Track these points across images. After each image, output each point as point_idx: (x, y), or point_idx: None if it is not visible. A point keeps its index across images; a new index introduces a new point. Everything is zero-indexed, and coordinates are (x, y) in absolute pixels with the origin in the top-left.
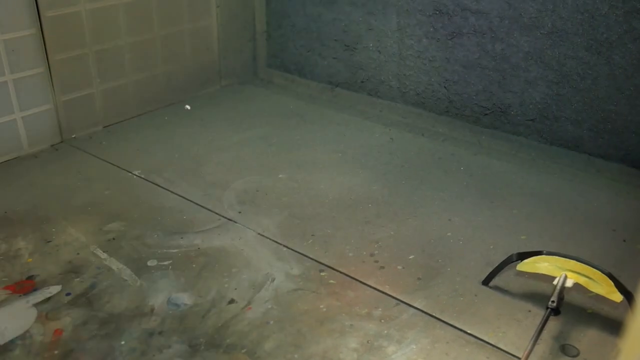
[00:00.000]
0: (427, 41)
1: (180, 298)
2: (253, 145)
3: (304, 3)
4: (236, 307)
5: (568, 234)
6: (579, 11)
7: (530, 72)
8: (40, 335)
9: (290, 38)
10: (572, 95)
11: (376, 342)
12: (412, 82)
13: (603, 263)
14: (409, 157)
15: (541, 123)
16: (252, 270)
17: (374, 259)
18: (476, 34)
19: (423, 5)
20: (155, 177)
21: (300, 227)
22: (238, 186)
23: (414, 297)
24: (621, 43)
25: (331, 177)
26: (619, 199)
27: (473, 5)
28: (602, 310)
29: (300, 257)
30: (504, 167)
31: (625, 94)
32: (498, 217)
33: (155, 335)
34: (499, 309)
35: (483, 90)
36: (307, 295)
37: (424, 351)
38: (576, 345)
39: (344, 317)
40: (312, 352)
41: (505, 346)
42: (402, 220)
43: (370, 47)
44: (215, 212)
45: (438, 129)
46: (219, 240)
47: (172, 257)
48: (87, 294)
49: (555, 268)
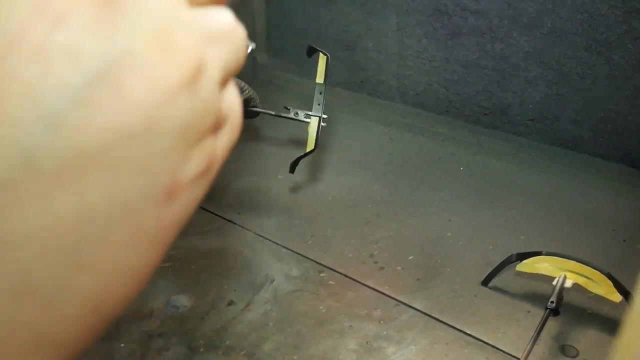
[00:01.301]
0: (426, 41)
1: (180, 300)
2: (252, 146)
3: (303, 3)
4: (235, 308)
5: (568, 234)
6: (579, 11)
7: (530, 72)
8: None
9: (290, 38)
10: (572, 95)
11: (375, 343)
12: (411, 82)
13: (603, 263)
14: (409, 157)
15: (541, 123)
16: (251, 271)
17: (374, 260)
18: (476, 34)
19: (423, 5)
20: None
21: (300, 228)
22: (237, 187)
23: (413, 298)
24: (621, 43)
25: (330, 177)
26: (619, 199)
27: (472, 5)
28: (602, 310)
29: (299, 258)
30: (504, 167)
31: (625, 94)
32: (498, 217)
33: (154, 337)
34: (499, 309)
35: (483, 90)
36: (307, 296)
37: (423, 352)
38: (575, 345)
39: (344, 318)
40: (311, 354)
41: (504, 347)
42: (401, 220)
43: (370, 47)
44: (214, 213)
45: (438, 129)
46: (218, 242)
47: (172, 259)
48: None
49: (554, 268)
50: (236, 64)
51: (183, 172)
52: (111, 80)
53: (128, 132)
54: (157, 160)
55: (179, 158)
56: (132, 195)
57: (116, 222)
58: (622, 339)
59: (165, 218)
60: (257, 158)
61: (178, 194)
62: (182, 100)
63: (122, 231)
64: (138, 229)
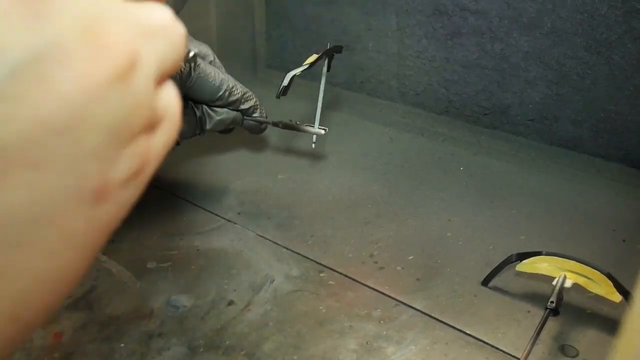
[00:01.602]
0: (426, 41)
1: (180, 300)
2: (252, 146)
3: (303, 3)
4: (235, 308)
5: (568, 234)
6: (579, 11)
7: (530, 72)
8: (40, 338)
9: (290, 38)
10: (572, 95)
11: (375, 343)
12: (411, 82)
13: (602, 263)
14: (409, 157)
15: (541, 123)
16: (251, 271)
17: (374, 260)
18: (475, 34)
19: (422, 5)
20: (154, 178)
21: (300, 228)
22: (237, 187)
23: (413, 298)
24: (621, 43)
25: (330, 177)
26: (618, 199)
27: (472, 5)
28: (602, 310)
29: (299, 258)
30: (504, 167)
31: (625, 94)
32: (498, 217)
33: (154, 337)
34: (499, 309)
35: (483, 90)
36: (307, 296)
37: (423, 352)
38: (575, 345)
39: (344, 318)
40: (311, 354)
41: (504, 347)
42: (401, 220)
43: (370, 47)
44: (214, 213)
45: (437, 129)
46: (219, 242)
47: (172, 259)
48: (86, 297)
49: (554, 268)
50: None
51: (113, 173)
52: (36, 73)
53: (54, 127)
54: (85, 159)
55: (109, 158)
56: (57, 196)
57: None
58: (622, 339)
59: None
60: (257, 158)
61: (107, 196)
62: (112, 95)
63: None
64: (62, 233)
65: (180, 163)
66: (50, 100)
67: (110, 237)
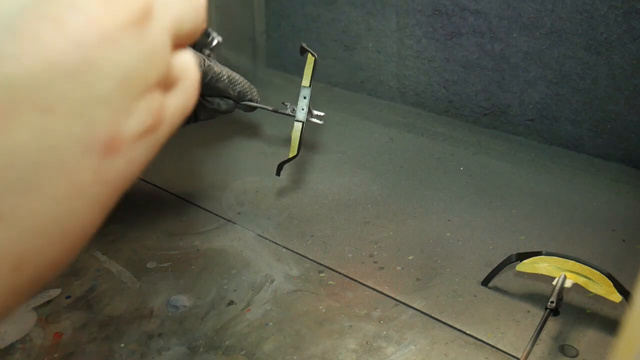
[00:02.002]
0: (426, 41)
1: (180, 300)
2: (252, 146)
3: (303, 3)
4: (235, 308)
5: (567, 234)
6: (578, 11)
7: (530, 72)
8: (40, 338)
9: (290, 38)
10: (572, 95)
11: (375, 343)
12: (411, 82)
13: (602, 263)
14: (408, 157)
15: (540, 123)
16: (251, 271)
17: (373, 260)
18: (475, 34)
19: (422, 5)
20: (154, 178)
21: (300, 228)
22: (237, 187)
23: (413, 298)
24: (620, 43)
25: (330, 177)
26: (618, 199)
27: (472, 5)
28: (602, 310)
29: (299, 258)
30: (503, 167)
31: (624, 94)
32: (497, 217)
33: (154, 337)
34: (498, 309)
35: (482, 90)
36: (306, 296)
37: (422, 352)
38: (575, 345)
39: (343, 318)
40: (311, 354)
41: (504, 347)
42: (401, 220)
43: (370, 47)
44: (214, 213)
45: (437, 129)
46: (218, 242)
47: (172, 259)
48: (86, 297)
49: (554, 268)
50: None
51: (125, 125)
52: (48, 13)
53: (64, 70)
54: (95, 106)
55: (121, 108)
56: (65, 141)
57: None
58: (622, 339)
59: (103, 175)
60: (257, 158)
61: (117, 150)
62: (126, 42)
63: (51, 181)
64: (70, 181)
65: (180, 163)
66: (60, 41)
67: (110, 237)
